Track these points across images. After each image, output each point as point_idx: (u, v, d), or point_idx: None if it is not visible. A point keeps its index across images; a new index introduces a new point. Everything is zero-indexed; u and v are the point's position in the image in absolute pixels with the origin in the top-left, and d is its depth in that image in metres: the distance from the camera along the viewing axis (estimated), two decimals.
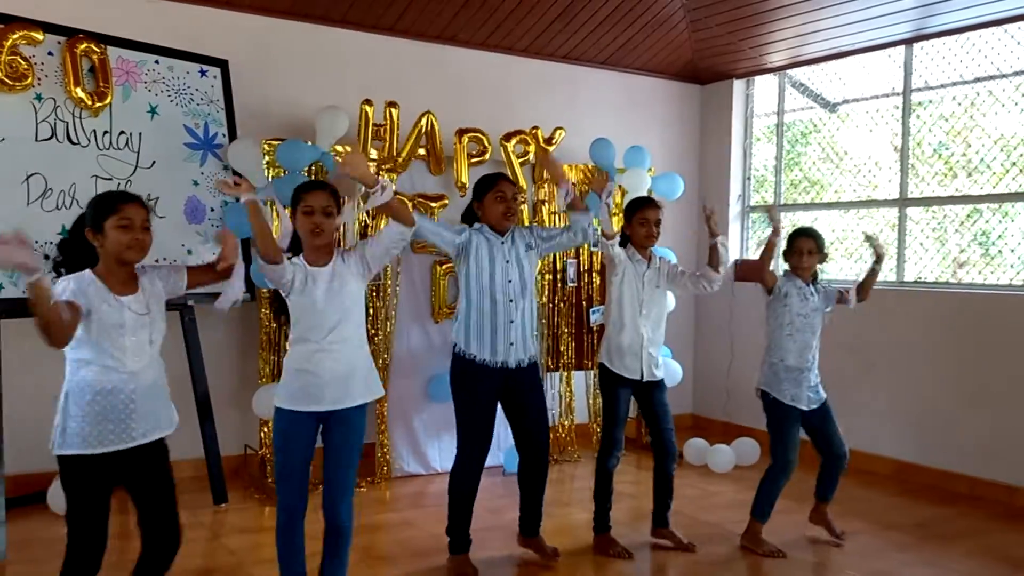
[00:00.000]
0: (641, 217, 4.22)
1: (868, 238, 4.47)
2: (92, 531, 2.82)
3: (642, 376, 4.19)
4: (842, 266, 6.47)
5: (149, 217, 2.88)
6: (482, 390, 3.85)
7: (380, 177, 3.23)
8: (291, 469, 3.17)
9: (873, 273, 4.41)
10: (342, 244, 4.93)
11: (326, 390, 3.13)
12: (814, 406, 4.26)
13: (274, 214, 4.59)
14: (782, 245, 4.37)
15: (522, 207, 5.42)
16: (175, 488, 2.99)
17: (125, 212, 2.79)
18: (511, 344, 3.85)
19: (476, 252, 3.84)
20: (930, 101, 5.92)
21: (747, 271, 6.64)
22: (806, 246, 4.25)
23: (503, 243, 3.89)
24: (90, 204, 2.86)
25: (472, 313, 3.84)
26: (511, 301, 3.85)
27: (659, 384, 4.26)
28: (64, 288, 2.72)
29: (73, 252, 2.85)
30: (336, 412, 3.16)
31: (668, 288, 4.34)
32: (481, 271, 3.83)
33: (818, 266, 4.34)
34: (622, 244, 4.27)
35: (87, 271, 2.80)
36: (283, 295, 3.21)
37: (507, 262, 3.87)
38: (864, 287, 4.41)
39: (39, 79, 4.38)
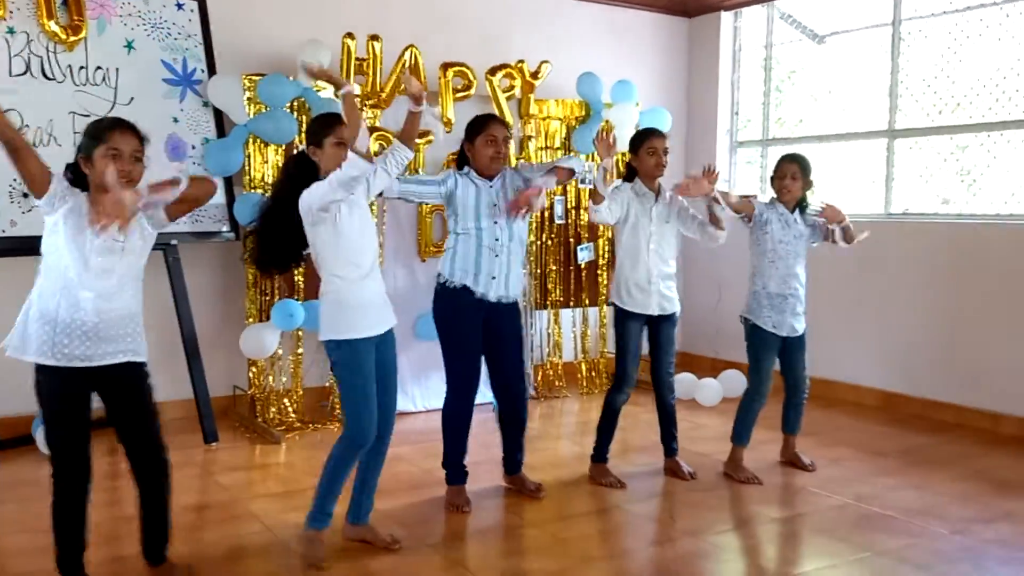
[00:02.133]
0: (649, 147, 4.14)
1: (822, 210, 4.24)
2: (69, 445, 2.83)
3: (654, 311, 4.18)
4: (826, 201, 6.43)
5: (143, 146, 2.83)
6: (465, 320, 3.85)
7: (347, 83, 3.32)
8: (370, 394, 3.25)
9: (846, 231, 4.23)
10: None
11: (382, 312, 3.31)
12: (795, 334, 4.28)
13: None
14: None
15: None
16: (156, 416, 3.00)
17: (113, 141, 2.76)
18: (493, 278, 3.83)
19: (462, 196, 3.81)
20: (919, 30, 5.84)
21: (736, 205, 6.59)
22: (789, 170, 4.22)
23: (491, 186, 3.85)
24: (84, 132, 2.83)
25: (458, 245, 3.83)
26: (496, 240, 3.82)
27: (670, 318, 4.26)
28: (61, 182, 2.73)
29: (77, 177, 2.81)
30: (384, 334, 3.33)
31: (677, 225, 4.27)
32: (467, 215, 3.81)
33: (807, 193, 4.30)
34: (628, 178, 4.22)
35: (84, 194, 2.80)
36: (322, 219, 3.10)
37: (494, 204, 3.83)
38: (846, 237, 4.27)
39: (11, 11, 4.27)
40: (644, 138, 4.19)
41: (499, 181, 3.88)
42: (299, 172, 3.22)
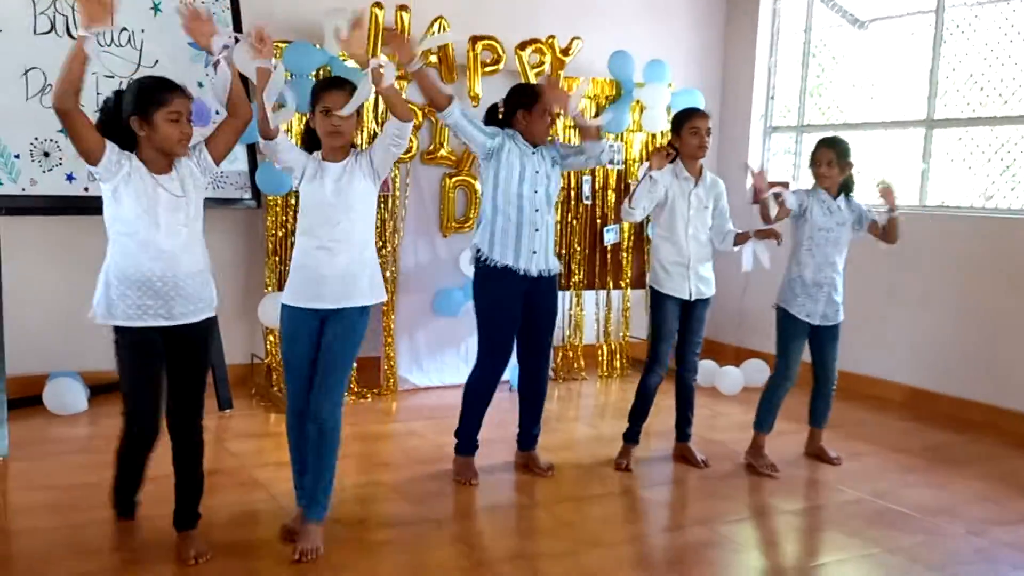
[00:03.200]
0: (692, 127, 4.04)
1: (882, 190, 4.17)
2: (145, 400, 2.90)
3: (691, 295, 4.12)
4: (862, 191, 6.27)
5: (191, 107, 2.87)
6: (505, 296, 3.82)
7: (374, 59, 3.13)
8: (294, 366, 3.15)
9: (892, 222, 4.17)
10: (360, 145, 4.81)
11: (326, 287, 3.08)
12: (828, 323, 4.18)
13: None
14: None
15: None
16: (206, 374, 3.06)
17: (175, 104, 2.79)
18: (534, 252, 3.80)
19: (507, 157, 3.77)
20: (964, 19, 5.65)
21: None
22: (825, 157, 4.10)
23: (533, 154, 3.83)
24: (135, 89, 2.81)
25: (498, 219, 3.79)
26: (536, 211, 3.79)
27: (706, 301, 4.19)
28: (113, 148, 2.73)
29: (114, 133, 2.79)
30: (338, 311, 3.10)
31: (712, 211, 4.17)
32: (511, 177, 3.77)
33: (851, 175, 4.18)
34: (673, 161, 4.12)
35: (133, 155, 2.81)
36: (294, 185, 3.18)
37: (536, 172, 3.80)
38: (888, 235, 4.20)
39: None
40: (687, 118, 4.09)
41: (540, 149, 3.87)
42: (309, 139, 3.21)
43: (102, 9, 2.58)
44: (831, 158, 4.09)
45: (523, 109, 3.83)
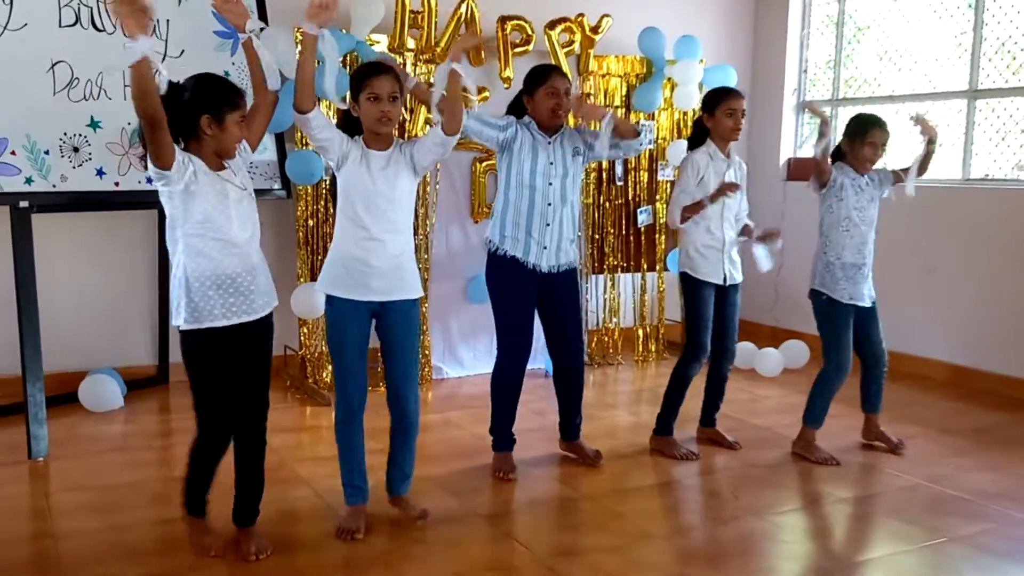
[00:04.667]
0: (728, 108, 3.92)
1: (916, 118, 4.03)
2: (222, 404, 2.88)
3: (724, 280, 4.03)
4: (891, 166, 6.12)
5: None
6: (516, 287, 3.73)
7: (455, 63, 3.08)
8: (349, 361, 3.10)
9: (928, 155, 4.03)
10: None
11: (376, 279, 3.05)
12: (868, 304, 4.06)
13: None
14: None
15: None
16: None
17: (243, 108, 2.77)
18: (544, 248, 3.69)
19: (520, 148, 3.66)
20: None
21: (801, 169, 6.35)
22: (883, 138, 3.94)
23: (549, 143, 3.69)
24: (209, 89, 2.77)
25: (509, 211, 3.69)
26: (549, 205, 3.67)
27: (737, 286, 4.11)
28: (179, 151, 2.68)
29: (178, 126, 2.73)
30: (392, 303, 3.09)
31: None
32: (522, 169, 3.65)
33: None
34: (700, 140, 4.02)
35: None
36: (333, 169, 3.09)
37: (550, 163, 3.67)
38: (923, 166, 4.06)
39: None
40: (723, 98, 3.96)
41: (559, 138, 3.72)
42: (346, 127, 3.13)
43: (143, 16, 2.52)
44: (886, 140, 3.95)
45: (526, 94, 3.73)
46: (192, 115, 2.72)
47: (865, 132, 3.94)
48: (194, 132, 2.75)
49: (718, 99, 3.97)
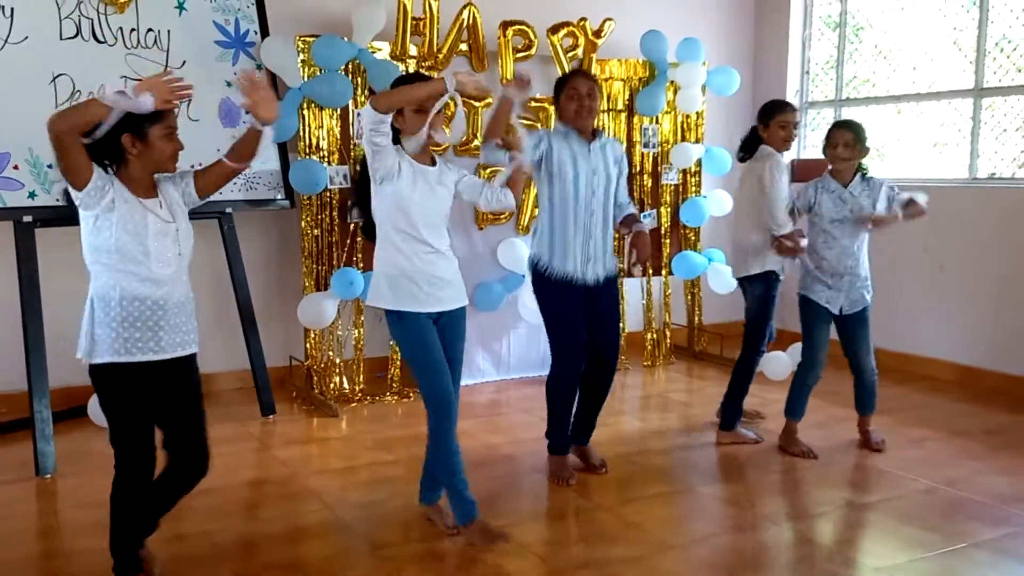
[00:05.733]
0: (782, 120, 4.10)
1: (909, 204, 4.00)
2: (137, 443, 2.71)
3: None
4: (895, 168, 6.10)
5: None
6: (567, 301, 3.73)
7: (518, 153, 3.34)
8: (438, 364, 3.13)
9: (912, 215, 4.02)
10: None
11: (445, 290, 3.17)
12: (851, 311, 4.10)
13: None
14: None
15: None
16: (204, 412, 2.83)
17: (170, 119, 2.62)
18: (588, 260, 3.69)
19: (557, 158, 3.62)
20: None
21: (806, 170, 6.31)
22: (843, 138, 3.98)
23: (589, 151, 3.66)
24: None
25: (554, 227, 3.68)
26: (592, 215, 3.66)
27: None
28: (99, 171, 2.55)
29: (101, 150, 2.59)
30: (453, 311, 3.22)
31: None
32: (564, 179, 3.63)
33: (863, 161, 4.07)
34: (752, 148, 4.17)
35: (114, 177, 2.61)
36: (376, 182, 3.05)
37: (594, 173, 3.65)
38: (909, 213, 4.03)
39: None
40: (778, 111, 4.12)
41: (599, 146, 3.70)
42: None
43: (177, 98, 2.54)
44: (849, 139, 3.97)
45: (555, 101, 3.75)
46: (114, 137, 2.56)
47: (771, 115, 4.11)
48: (120, 155, 2.60)
49: (773, 112, 4.12)
